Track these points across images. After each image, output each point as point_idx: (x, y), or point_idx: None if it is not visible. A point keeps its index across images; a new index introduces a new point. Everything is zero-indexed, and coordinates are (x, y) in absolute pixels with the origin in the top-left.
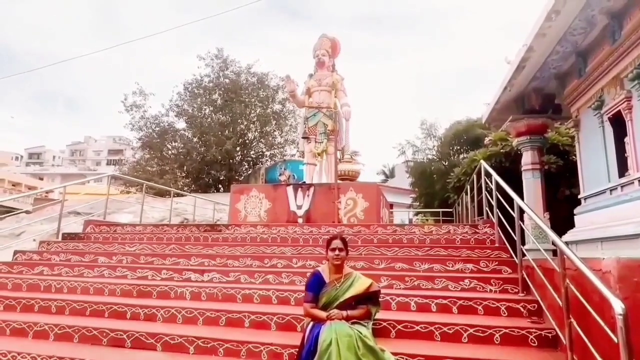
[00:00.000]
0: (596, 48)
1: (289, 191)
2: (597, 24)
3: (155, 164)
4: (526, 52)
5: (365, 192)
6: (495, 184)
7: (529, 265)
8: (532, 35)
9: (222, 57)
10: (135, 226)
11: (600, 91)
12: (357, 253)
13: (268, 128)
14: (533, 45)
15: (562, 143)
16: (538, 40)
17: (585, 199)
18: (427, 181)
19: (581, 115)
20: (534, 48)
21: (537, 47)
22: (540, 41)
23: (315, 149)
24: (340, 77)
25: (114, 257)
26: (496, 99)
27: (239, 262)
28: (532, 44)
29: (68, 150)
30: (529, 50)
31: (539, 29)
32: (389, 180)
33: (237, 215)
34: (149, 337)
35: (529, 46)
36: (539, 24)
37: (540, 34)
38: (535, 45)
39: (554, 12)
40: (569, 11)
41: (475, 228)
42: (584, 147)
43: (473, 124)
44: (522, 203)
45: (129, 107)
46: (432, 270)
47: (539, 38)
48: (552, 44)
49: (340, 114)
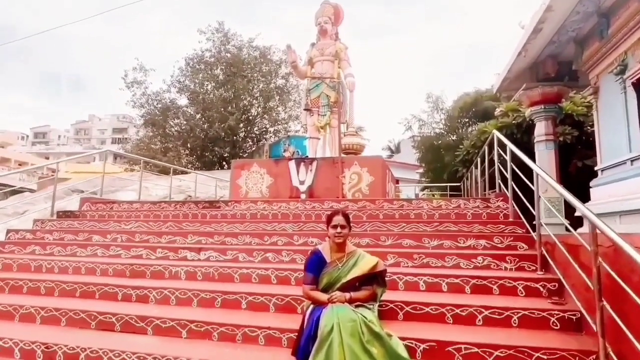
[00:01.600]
0: (621, 7)
1: (291, 166)
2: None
3: (159, 141)
4: (544, 13)
5: (370, 166)
6: (511, 154)
7: (549, 241)
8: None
9: (223, 30)
10: (133, 204)
11: (624, 54)
12: (362, 229)
13: (271, 103)
14: (552, 5)
15: (576, 113)
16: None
17: (602, 170)
18: (434, 155)
19: (601, 82)
20: (554, 7)
21: (557, 7)
22: None
23: (318, 122)
24: (343, 45)
25: (108, 235)
26: (509, 66)
27: (238, 240)
28: (551, 2)
29: (73, 130)
30: (548, 10)
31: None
32: (394, 155)
33: (238, 191)
34: (140, 321)
35: (547, 5)
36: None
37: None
38: (555, 5)
39: None
40: None
41: (487, 202)
42: (603, 116)
43: (482, 96)
44: (544, 174)
45: (130, 83)
46: (442, 247)
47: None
48: (573, 3)
49: (344, 85)
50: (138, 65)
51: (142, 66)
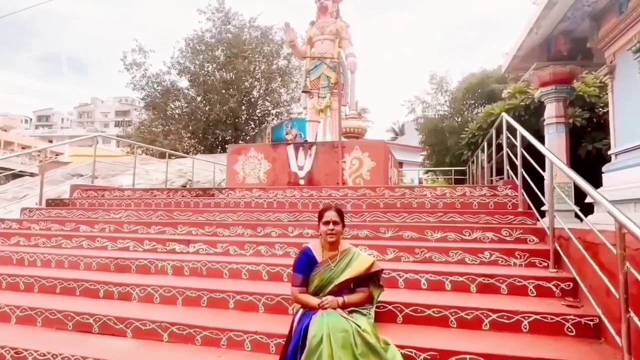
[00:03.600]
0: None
1: (290, 151)
2: None
3: (160, 124)
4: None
5: (372, 151)
6: (521, 139)
7: (562, 235)
8: None
9: (224, 10)
10: (124, 190)
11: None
12: (361, 219)
13: (273, 85)
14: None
15: (588, 94)
16: None
17: (616, 155)
18: (438, 138)
19: (617, 60)
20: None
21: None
22: None
23: (318, 104)
24: (345, 24)
25: (96, 225)
26: (519, 44)
27: (229, 231)
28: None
29: (76, 113)
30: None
31: None
32: (398, 137)
33: (235, 177)
34: (119, 322)
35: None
36: None
37: None
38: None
39: None
40: None
41: (495, 190)
42: (619, 96)
43: (488, 77)
44: (561, 163)
45: (129, 65)
46: (446, 239)
47: None
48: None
49: (345, 65)
50: (137, 46)
51: (141, 47)
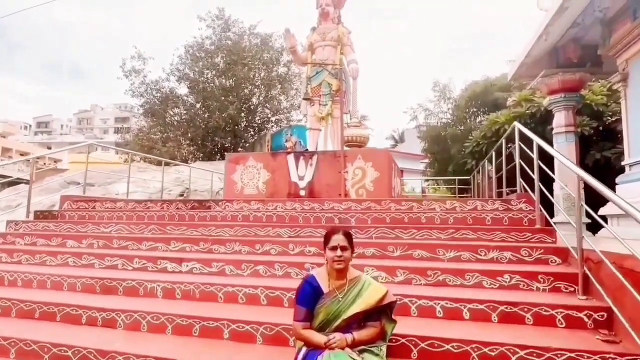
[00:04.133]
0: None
1: (290, 160)
2: None
3: (159, 131)
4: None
5: (375, 160)
6: (538, 150)
7: (591, 257)
8: None
9: (224, 17)
10: (116, 202)
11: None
12: (367, 236)
13: (273, 92)
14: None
15: (595, 102)
16: None
17: (630, 166)
18: (441, 146)
19: (631, 68)
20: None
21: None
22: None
23: (319, 112)
24: (346, 30)
25: (84, 240)
26: (527, 51)
27: (226, 248)
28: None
29: (75, 119)
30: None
31: None
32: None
33: (233, 187)
34: (100, 356)
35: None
36: None
37: None
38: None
39: None
40: None
41: (508, 204)
42: (632, 105)
43: (492, 85)
44: (588, 176)
45: (128, 72)
46: (460, 259)
47: None
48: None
49: (347, 72)
50: (136, 53)
51: (140, 54)
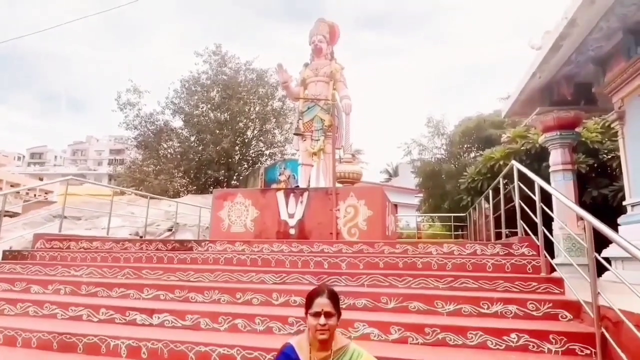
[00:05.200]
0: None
1: (280, 197)
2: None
3: (151, 163)
4: (566, 27)
5: (368, 198)
6: (540, 191)
7: (609, 315)
8: (577, 4)
9: (221, 53)
10: (93, 241)
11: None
12: (358, 284)
13: (268, 126)
14: (576, 18)
15: (590, 140)
16: (584, 10)
17: (632, 206)
18: (435, 181)
19: (627, 106)
20: (577, 21)
21: (581, 20)
22: (587, 12)
23: (311, 147)
24: (339, 66)
25: (50, 286)
26: (521, 88)
27: (203, 297)
28: (575, 15)
29: (70, 150)
30: (571, 25)
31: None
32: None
33: (220, 224)
34: None
35: (570, 19)
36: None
37: (588, 2)
38: (579, 18)
39: None
40: None
41: (509, 248)
42: (631, 144)
43: (484, 121)
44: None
45: (123, 105)
46: (461, 313)
47: (586, 8)
48: (598, 17)
49: (339, 108)
50: (132, 86)
51: (136, 88)
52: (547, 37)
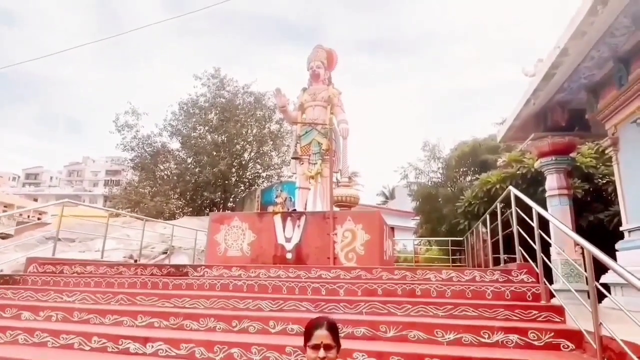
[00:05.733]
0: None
1: (277, 221)
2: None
3: (148, 185)
4: (559, 56)
5: (365, 222)
6: (537, 217)
7: (612, 347)
8: (569, 35)
9: (219, 76)
10: (87, 265)
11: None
12: (356, 311)
13: (265, 148)
14: (568, 48)
15: (585, 165)
16: (576, 40)
17: (630, 232)
18: (432, 205)
19: (620, 132)
20: (569, 51)
21: (573, 50)
22: (578, 42)
23: (309, 171)
24: (337, 91)
25: (41, 312)
26: (515, 114)
27: (199, 324)
28: (567, 45)
29: (66, 171)
30: (563, 54)
31: (579, 25)
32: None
33: (216, 248)
34: None
35: (563, 48)
36: (578, 19)
37: (579, 33)
38: (571, 47)
39: (600, 3)
40: (616, 4)
41: (508, 275)
42: (626, 170)
43: (480, 145)
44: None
45: (120, 127)
46: (461, 343)
47: (577, 38)
48: (589, 47)
49: (337, 132)
50: (130, 109)
51: (134, 110)
52: (540, 65)
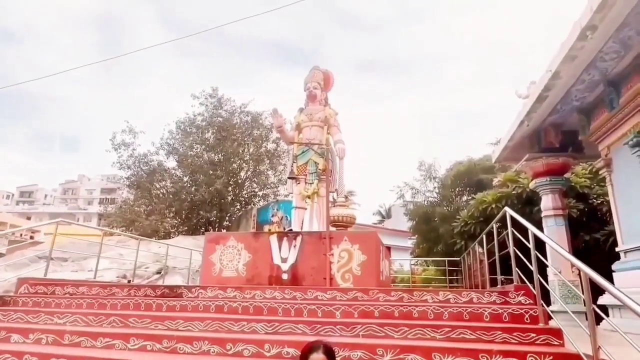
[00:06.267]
0: (632, 74)
1: (273, 241)
2: (634, 47)
3: (143, 203)
4: (550, 79)
5: (362, 243)
6: (534, 238)
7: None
8: (560, 59)
9: (217, 96)
10: (79, 286)
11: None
12: (353, 334)
13: (261, 167)
14: (560, 71)
15: (580, 185)
16: (566, 64)
17: (625, 252)
18: (428, 225)
19: (613, 154)
20: (561, 74)
21: (564, 73)
22: (569, 65)
23: (305, 190)
24: (333, 111)
25: (31, 335)
26: (510, 135)
27: (192, 347)
28: (559, 68)
29: (61, 189)
30: (555, 77)
31: (570, 49)
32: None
33: (211, 268)
34: None
35: (554, 72)
36: (569, 44)
37: (569, 57)
38: (563, 71)
39: (589, 29)
40: (604, 30)
41: (505, 296)
42: (620, 191)
43: (475, 165)
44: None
45: (117, 145)
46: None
47: (568, 62)
48: (580, 70)
49: (333, 152)
50: (127, 127)
51: (131, 129)
52: (532, 87)
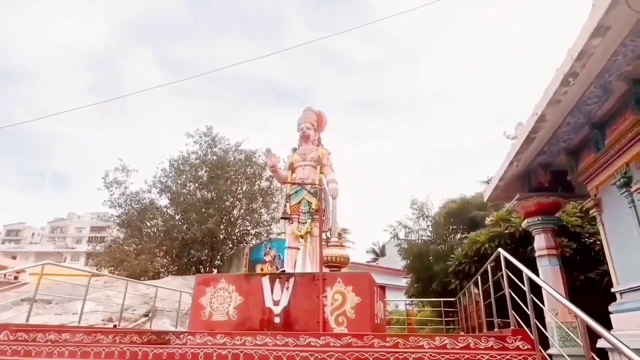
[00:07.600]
0: (616, 117)
1: (265, 283)
2: (615, 91)
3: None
4: (537, 122)
5: (356, 284)
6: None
7: None
8: (545, 103)
9: (211, 134)
10: (62, 333)
11: (626, 166)
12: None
13: (254, 205)
14: (545, 114)
15: (571, 224)
16: (552, 107)
17: (621, 293)
18: (423, 264)
19: (602, 194)
20: (547, 117)
21: (550, 116)
22: (554, 109)
23: (298, 230)
24: (326, 151)
25: None
26: (500, 175)
27: None
28: (544, 111)
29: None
30: (541, 120)
31: (554, 94)
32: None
33: (201, 312)
34: None
35: (540, 115)
36: (553, 89)
37: (554, 101)
38: (548, 114)
39: (570, 76)
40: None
41: (503, 341)
42: (611, 231)
43: (468, 203)
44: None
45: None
46: None
47: (552, 105)
48: (565, 113)
49: (326, 191)
50: (120, 165)
51: (124, 166)
52: (520, 128)
